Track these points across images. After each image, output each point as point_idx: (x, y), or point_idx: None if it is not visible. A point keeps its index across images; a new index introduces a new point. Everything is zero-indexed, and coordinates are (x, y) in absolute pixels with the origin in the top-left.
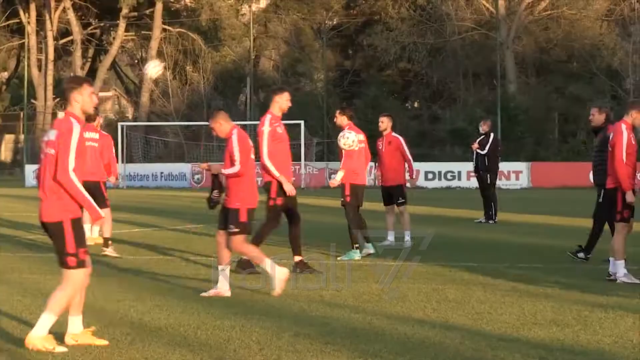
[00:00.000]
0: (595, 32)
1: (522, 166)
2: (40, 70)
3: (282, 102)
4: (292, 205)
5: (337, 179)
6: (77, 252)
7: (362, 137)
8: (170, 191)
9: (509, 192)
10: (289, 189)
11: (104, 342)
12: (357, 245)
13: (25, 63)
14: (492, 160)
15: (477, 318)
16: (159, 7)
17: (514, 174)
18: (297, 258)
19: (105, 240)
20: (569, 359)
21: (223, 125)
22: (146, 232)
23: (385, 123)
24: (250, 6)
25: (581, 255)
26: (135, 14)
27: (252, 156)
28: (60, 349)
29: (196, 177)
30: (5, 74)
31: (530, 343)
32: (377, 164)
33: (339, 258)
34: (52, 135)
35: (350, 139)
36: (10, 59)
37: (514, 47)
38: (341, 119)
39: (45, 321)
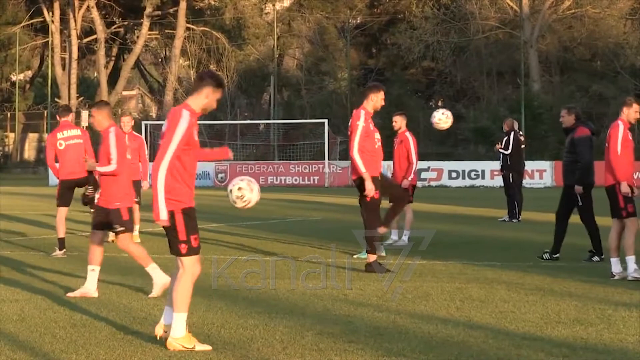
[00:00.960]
0: (619, 30)
1: (545, 165)
2: (64, 69)
3: (377, 100)
4: (393, 190)
5: (369, 187)
6: (189, 239)
7: (377, 135)
8: (195, 190)
9: (532, 191)
10: (369, 189)
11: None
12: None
13: (49, 62)
14: (514, 159)
15: (500, 317)
16: (182, 5)
17: (538, 173)
18: (382, 229)
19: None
20: (592, 357)
21: (104, 119)
22: None
23: (399, 122)
24: (274, 5)
25: (596, 258)
26: (159, 12)
27: (128, 156)
28: (201, 347)
29: (219, 175)
30: (29, 73)
31: (553, 342)
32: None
33: (355, 256)
34: (164, 126)
35: None
36: (34, 58)
37: (537, 46)
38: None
39: (179, 322)
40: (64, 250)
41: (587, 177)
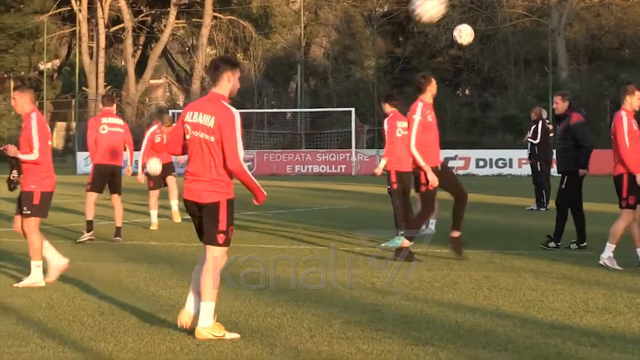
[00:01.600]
0: None
1: None
2: (91, 57)
3: (434, 89)
4: (453, 185)
5: (380, 166)
6: (227, 230)
7: (406, 124)
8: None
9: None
10: (432, 179)
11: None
12: (402, 233)
13: (77, 51)
14: (542, 148)
15: (528, 305)
16: None
17: None
18: (456, 233)
19: (120, 229)
20: (620, 346)
21: (26, 104)
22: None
23: None
24: None
25: (552, 244)
26: (186, 1)
27: (50, 142)
28: (230, 335)
29: (247, 164)
30: (57, 62)
31: (581, 330)
32: None
33: (382, 244)
34: (204, 119)
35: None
36: (61, 47)
37: (565, 34)
38: (385, 107)
39: (207, 311)
40: (92, 232)
41: (588, 162)
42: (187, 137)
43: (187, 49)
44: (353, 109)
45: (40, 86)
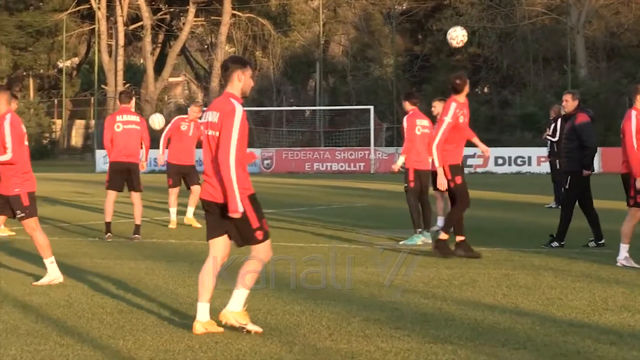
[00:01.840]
0: None
1: None
2: (110, 55)
3: (467, 88)
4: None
5: (398, 163)
6: (262, 224)
7: (425, 122)
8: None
9: None
10: (441, 183)
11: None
12: (419, 230)
13: (96, 49)
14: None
15: (547, 304)
16: None
17: None
18: (459, 238)
19: (138, 227)
20: (639, 344)
21: (1, 104)
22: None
23: (438, 107)
24: None
25: (555, 244)
26: None
27: (26, 143)
28: (253, 327)
29: (266, 162)
30: (76, 60)
31: (600, 328)
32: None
33: (401, 242)
34: (212, 116)
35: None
36: (80, 45)
37: (584, 32)
38: (405, 105)
39: (239, 297)
40: (109, 234)
41: (592, 163)
42: (202, 137)
43: (205, 46)
44: (372, 107)
45: (59, 84)
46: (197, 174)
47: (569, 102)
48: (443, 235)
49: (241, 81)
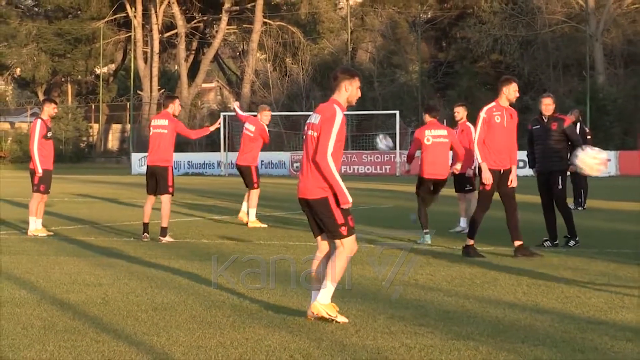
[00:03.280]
0: None
1: (610, 155)
2: (145, 62)
3: (509, 92)
4: (504, 193)
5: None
6: (346, 220)
7: (440, 132)
8: (270, 179)
9: (597, 180)
10: (486, 178)
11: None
12: (426, 231)
13: (132, 55)
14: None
15: (566, 302)
16: (260, 1)
17: None
18: (517, 243)
19: (163, 229)
20: None
21: None
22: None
23: (460, 113)
24: (347, 0)
25: (572, 242)
26: (237, 8)
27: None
28: (342, 319)
29: (295, 165)
30: (113, 66)
31: (617, 326)
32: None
33: (419, 241)
34: (315, 118)
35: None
36: (117, 52)
37: (602, 39)
38: (425, 117)
39: (328, 290)
40: (145, 234)
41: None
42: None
43: (237, 53)
44: (398, 112)
45: (96, 89)
46: (251, 175)
47: (550, 106)
48: (469, 242)
49: (348, 91)
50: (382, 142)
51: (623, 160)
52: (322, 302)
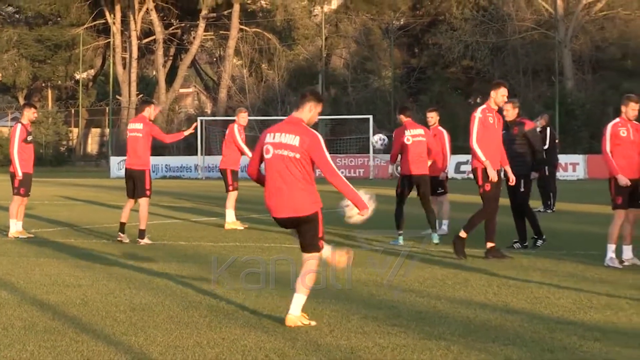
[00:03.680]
0: None
1: (578, 158)
2: (124, 68)
3: (497, 96)
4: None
5: (492, 174)
6: (323, 235)
7: (418, 131)
8: (247, 182)
9: (566, 183)
10: (492, 175)
11: (312, 322)
12: (399, 233)
13: (111, 61)
14: (550, 153)
15: (535, 302)
16: (236, 8)
17: (571, 166)
18: (490, 244)
19: (141, 231)
20: (622, 340)
21: None
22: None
23: (434, 118)
24: (322, 7)
25: (539, 242)
26: (214, 14)
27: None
28: (313, 322)
29: None
30: (92, 72)
31: (586, 326)
32: None
33: (390, 242)
34: (291, 139)
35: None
36: (96, 57)
37: (571, 46)
38: (400, 118)
39: (300, 301)
40: (120, 234)
41: (539, 167)
42: (268, 156)
43: (214, 59)
44: (371, 117)
45: (76, 94)
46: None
47: (510, 111)
48: (462, 234)
49: (311, 112)
50: (378, 142)
51: (591, 163)
52: (296, 314)
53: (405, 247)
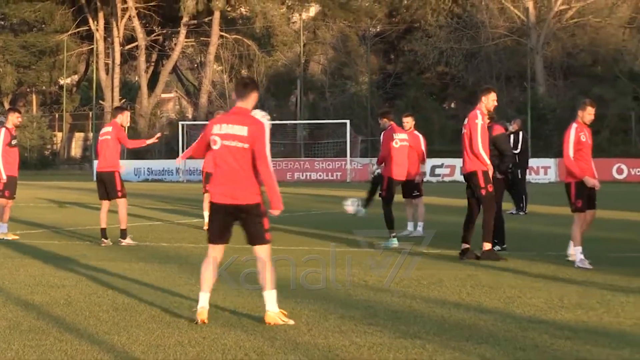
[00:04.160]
0: (619, 38)
1: (550, 162)
2: (107, 73)
3: (487, 101)
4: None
5: (373, 170)
6: (269, 227)
7: (404, 135)
8: None
9: (538, 186)
10: (492, 177)
11: (290, 321)
12: (393, 235)
13: (94, 67)
14: (522, 156)
15: (508, 302)
16: (216, 15)
17: (543, 169)
18: (465, 246)
19: (122, 231)
20: (592, 339)
21: None
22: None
23: (409, 122)
24: (300, 15)
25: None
26: (195, 21)
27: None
28: (291, 321)
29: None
30: (76, 77)
31: (557, 325)
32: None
33: (382, 244)
34: (238, 130)
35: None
36: (80, 63)
37: (543, 52)
38: (384, 121)
39: (272, 297)
40: (103, 240)
41: (507, 170)
42: (215, 147)
43: (195, 65)
44: (348, 121)
45: (60, 99)
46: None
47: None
48: (487, 246)
49: (255, 101)
50: (351, 206)
51: (562, 167)
52: (275, 310)
53: (401, 247)
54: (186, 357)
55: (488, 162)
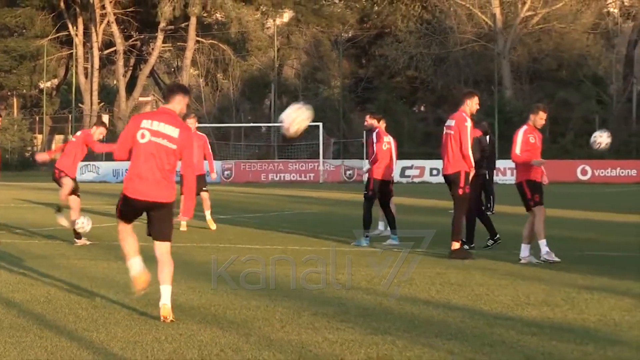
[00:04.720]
0: (583, 43)
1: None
2: (86, 77)
3: (472, 105)
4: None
5: (364, 169)
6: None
7: (389, 139)
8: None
9: (505, 187)
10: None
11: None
12: (366, 235)
13: (74, 71)
14: (490, 159)
15: (476, 299)
16: (193, 21)
17: (510, 171)
18: (455, 245)
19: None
20: (558, 335)
21: None
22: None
23: (369, 121)
24: (274, 20)
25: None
26: (172, 27)
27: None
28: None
29: (226, 173)
30: (56, 81)
31: (523, 321)
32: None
33: (352, 243)
34: (171, 131)
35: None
36: (60, 68)
37: (509, 57)
38: (371, 122)
39: (168, 291)
40: (83, 239)
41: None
42: (143, 140)
43: (172, 69)
44: (321, 124)
45: (40, 103)
46: (205, 180)
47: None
48: (455, 245)
49: (180, 104)
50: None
51: None
52: (169, 304)
53: (352, 247)
54: (163, 353)
55: (473, 164)
